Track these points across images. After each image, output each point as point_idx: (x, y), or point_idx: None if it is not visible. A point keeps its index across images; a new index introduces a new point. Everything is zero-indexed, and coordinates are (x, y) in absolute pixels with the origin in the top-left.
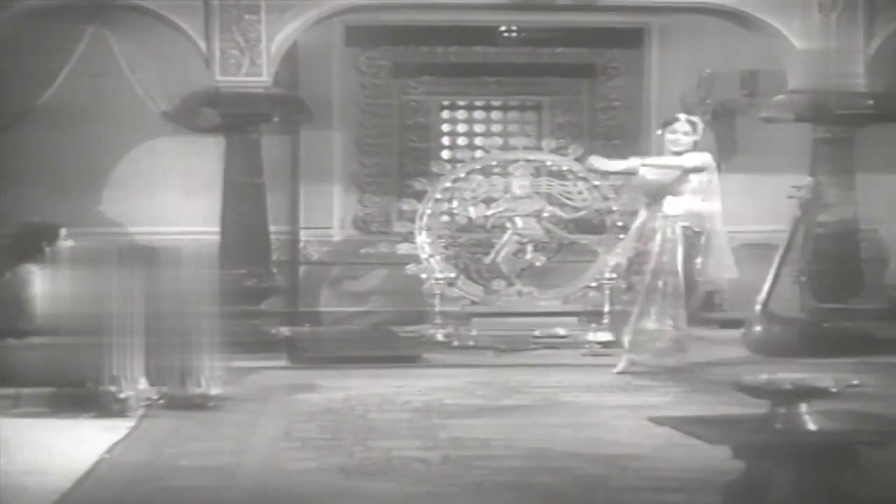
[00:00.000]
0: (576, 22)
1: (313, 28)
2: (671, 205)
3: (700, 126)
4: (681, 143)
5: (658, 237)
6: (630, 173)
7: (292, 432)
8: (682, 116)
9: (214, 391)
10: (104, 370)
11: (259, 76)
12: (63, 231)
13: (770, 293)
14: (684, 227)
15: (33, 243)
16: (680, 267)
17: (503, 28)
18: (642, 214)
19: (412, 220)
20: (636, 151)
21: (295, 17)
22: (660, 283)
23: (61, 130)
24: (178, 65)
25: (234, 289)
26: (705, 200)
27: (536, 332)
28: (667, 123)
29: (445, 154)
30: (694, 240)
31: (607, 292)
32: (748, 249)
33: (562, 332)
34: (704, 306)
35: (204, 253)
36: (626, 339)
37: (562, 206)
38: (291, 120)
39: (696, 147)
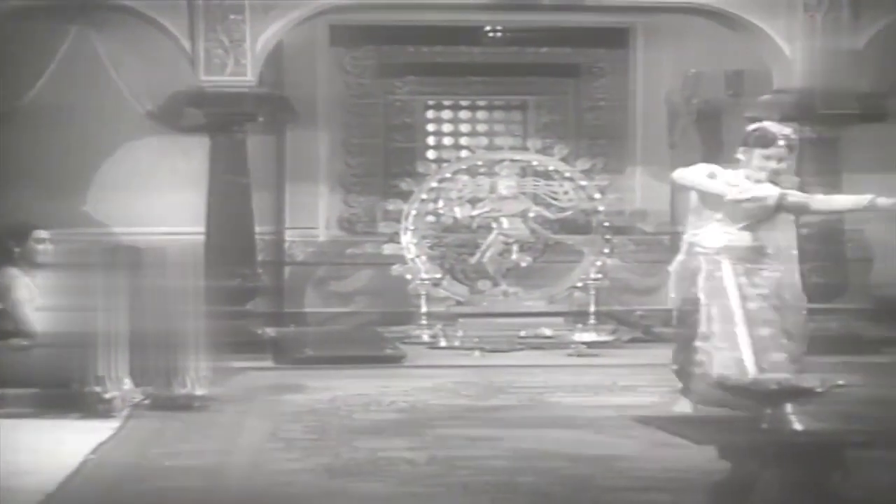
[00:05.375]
0: (561, 22)
1: (298, 28)
2: (714, 234)
3: (797, 140)
4: (774, 173)
5: (701, 279)
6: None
7: (278, 433)
8: (778, 131)
9: (200, 392)
10: (89, 371)
11: (244, 76)
12: (39, 232)
13: None
14: (734, 264)
15: (1, 244)
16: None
17: (488, 28)
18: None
19: (398, 221)
20: (622, 151)
21: (279, 16)
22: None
23: (45, 130)
24: (163, 64)
25: (220, 289)
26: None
27: (522, 333)
28: (762, 143)
29: (431, 154)
30: (759, 281)
31: (593, 293)
32: None
33: (547, 332)
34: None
35: (189, 253)
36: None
37: (547, 206)
38: (276, 120)
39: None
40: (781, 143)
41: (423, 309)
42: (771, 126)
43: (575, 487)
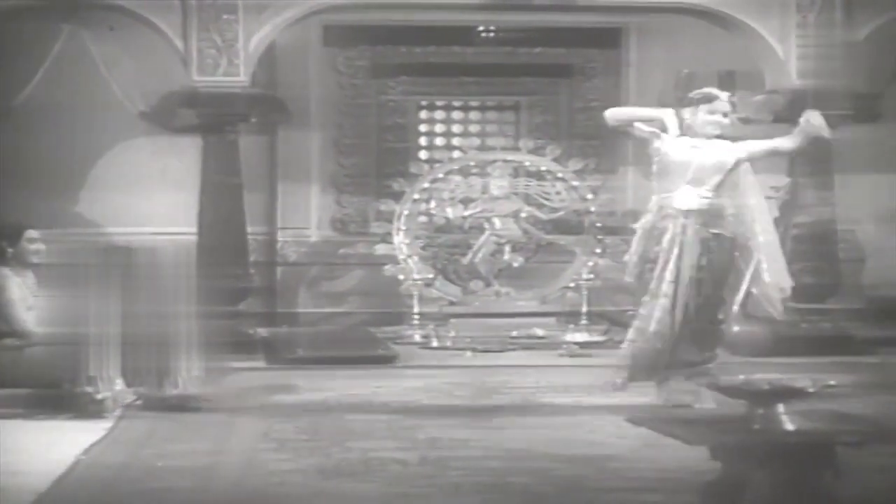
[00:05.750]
0: (554, 22)
1: (291, 28)
2: (685, 197)
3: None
4: (720, 126)
5: (666, 240)
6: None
7: (270, 433)
8: (721, 94)
9: (192, 392)
10: (81, 371)
11: (236, 76)
12: (31, 232)
13: (748, 293)
14: (698, 229)
15: None
16: (686, 281)
17: (481, 28)
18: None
19: (390, 221)
20: (614, 152)
21: (272, 16)
22: (663, 301)
23: (37, 130)
24: (156, 64)
25: (212, 289)
26: (732, 195)
27: (514, 333)
28: (704, 99)
29: (423, 154)
30: (717, 246)
31: (585, 293)
32: None
33: (539, 332)
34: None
35: (181, 253)
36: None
37: (539, 206)
38: (269, 120)
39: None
40: (724, 98)
41: (416, 309)
42: (711, 89)
43: (567, 488)
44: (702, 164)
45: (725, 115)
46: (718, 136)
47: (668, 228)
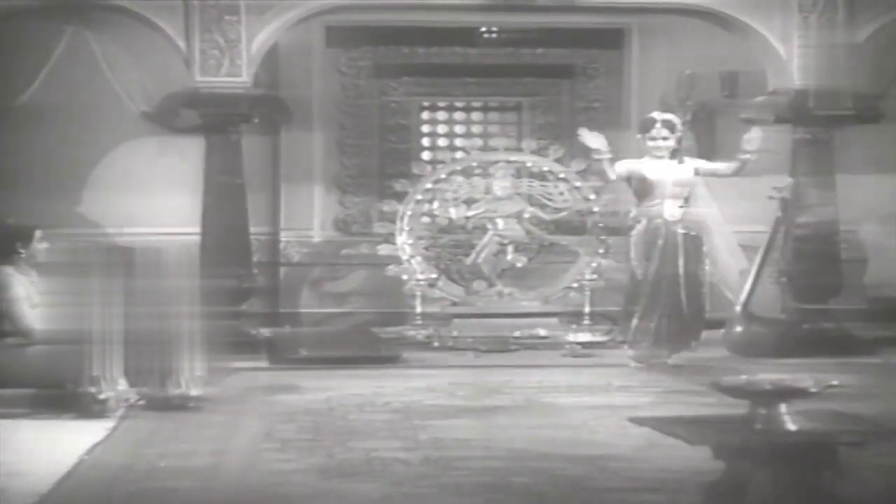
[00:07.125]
0: (556, 23)
1: (293, 28)
2: (669, 208)
3: (678, 124)
4: (662, 149)
5: (660, 242)
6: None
7: (272, 433)
8: (658, 117)
9: (194, 392)
10: (84, 371)
11: (239, 76)
12: (38, 233)
13: (750, 294)
14: (684, 234)
15: (7, 245)
16: (681, 274)
17: (483, 29)
18: (640, 219)
19: (393, 221)
20: (616, 152)
21: (275, 17)
22: (662, 290)
23: (40, 130)
24: (158, 65)
25: (215, 290)
26: (696, 204)
27: (517, 333)
28: (644, 129)
29: (426, 155)
30: (692, 244)
31: (588, 293)
32: None
33: (542, 332)
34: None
35: (184, 254)
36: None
37: (542, 207)
38: (272, 120)
39: (680, 145)
40: (658, 124)
41: (418, 309)
42: (654, 114)
43: (569, 488)
44: (676, 181)
45: (665, 138)
46: (676, 151)
47: (659, 235)
